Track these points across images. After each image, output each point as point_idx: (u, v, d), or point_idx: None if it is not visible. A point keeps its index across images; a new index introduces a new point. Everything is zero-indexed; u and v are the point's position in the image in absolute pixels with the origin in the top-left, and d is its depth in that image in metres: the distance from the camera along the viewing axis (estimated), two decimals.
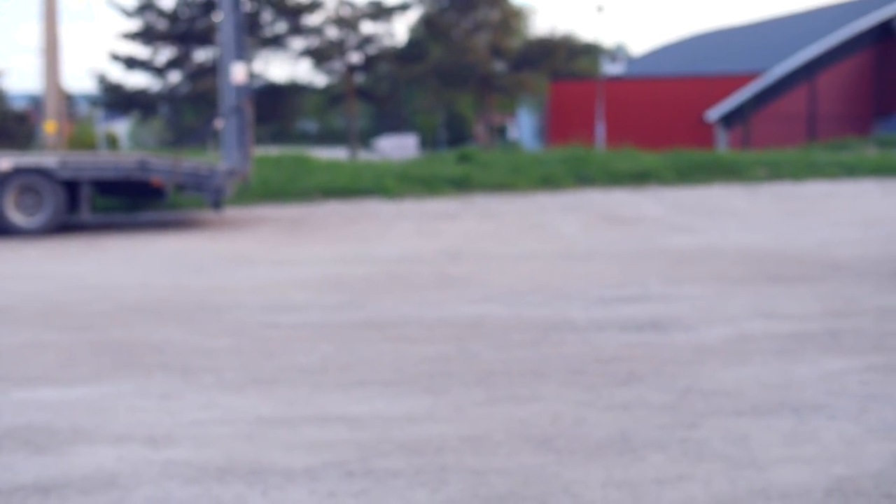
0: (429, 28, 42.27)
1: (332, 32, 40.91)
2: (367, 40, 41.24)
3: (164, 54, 40.02)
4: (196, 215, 17.47)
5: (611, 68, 46.78)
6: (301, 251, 12.74)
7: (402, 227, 15.41)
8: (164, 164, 15.96)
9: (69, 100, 35.57)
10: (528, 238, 13.83)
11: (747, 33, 48.45)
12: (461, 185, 20.56)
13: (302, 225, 16.07)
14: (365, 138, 49.13)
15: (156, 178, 15.66)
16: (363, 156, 37.66)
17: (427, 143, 48.98)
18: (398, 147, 40.62)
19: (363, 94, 43.08)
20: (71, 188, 15.38)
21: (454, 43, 40.89)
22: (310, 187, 19.85)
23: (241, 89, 16.79)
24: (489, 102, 43.09)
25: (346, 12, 40.66)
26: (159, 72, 40.31)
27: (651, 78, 43.39)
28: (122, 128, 54.32)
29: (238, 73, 16.68)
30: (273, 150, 26.99)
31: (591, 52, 46.78)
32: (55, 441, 4.94)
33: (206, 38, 38.41)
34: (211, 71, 35.93)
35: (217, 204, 16.29)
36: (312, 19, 40.76)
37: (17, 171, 15.13)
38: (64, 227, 15.40)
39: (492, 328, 7.55)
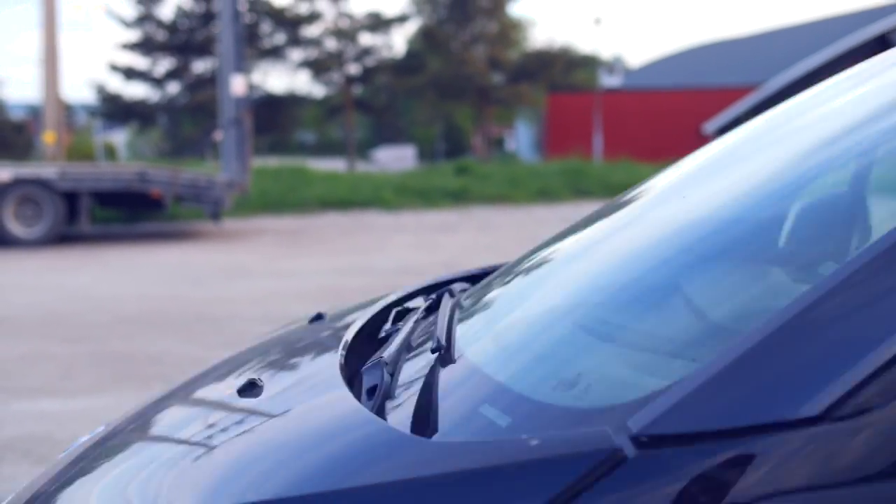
0: (427, 40, 42.43)
1: (331, 44, 41.04)
2: (366, 52, 41.36)
3: (163, 65, 40.15)
4: (195, 226, 17.51)
5: (608, 80, 46.85)
6: (299, 263, 12.78)
7: (400, 240, 15.45)
8: (163, 175, 16.01)
9: (68, 110, 35.64)
10: (526, 251, 13.86)
11: (745, 46, 48.58)
12: (459, 198, 20.62)
13: (300, 236, 16.11)
14: (363, 150, 49.21)
15: (155, 190, 15.70)
16: (361, 167, 37.72)
17: (425, 154, 49.05)
18: (396, 158, 40.69)
19: (361, 105, 43.19)
20: (70, 199, 15.41)
21: (452, 55, 41.05)
22: (308, 199, 19.90)
23: (240, 101, 16.85)
24: (487, 114, 43.22)
25: (344, 24, 40.80)
26: (158, 82, 40.42)
27: (648, 90, 43.49)
28: (120, 138, 54.36)
29: (237, 84, 16.73)
30: (271, 162, 27.05)
31: (589, 64, 46.90)
32: (56, 452, 4.97)
33: (205, 49, 38.51)
34: (210, 82, 36.03)
35: (216, 215, 16.34)
36: (311, 31, 40.92)
37: (17, 182, 15.18)
38: (63, 237, 15.43)
39: None
